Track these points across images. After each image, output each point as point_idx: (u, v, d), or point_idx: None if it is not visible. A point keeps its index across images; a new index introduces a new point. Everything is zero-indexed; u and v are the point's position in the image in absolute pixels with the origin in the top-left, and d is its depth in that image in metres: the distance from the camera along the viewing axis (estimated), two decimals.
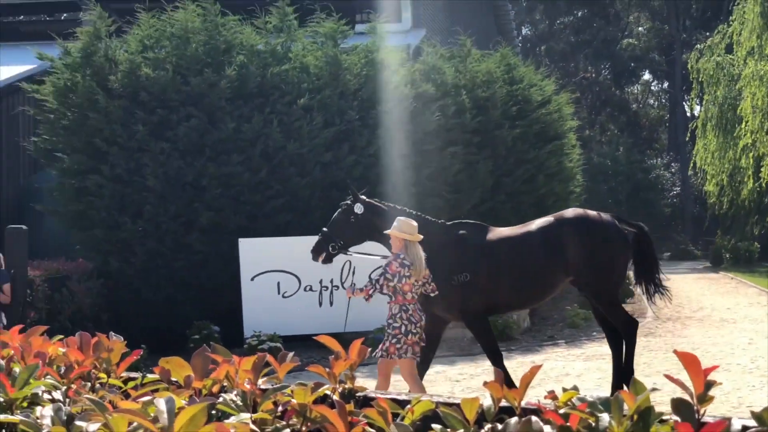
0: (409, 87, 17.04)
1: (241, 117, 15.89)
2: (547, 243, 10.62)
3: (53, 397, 2.77)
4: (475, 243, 10.63)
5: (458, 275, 10.39)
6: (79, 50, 16.42)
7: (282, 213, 15.96)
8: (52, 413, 2.41)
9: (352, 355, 2.88)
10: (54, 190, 16.58)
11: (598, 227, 10.74)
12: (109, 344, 3.13)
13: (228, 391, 2.70)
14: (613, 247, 10.71)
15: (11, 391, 2.66)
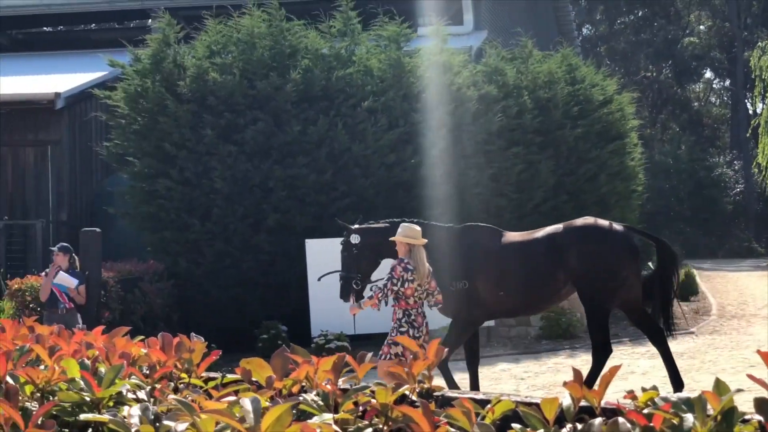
0: (472, 88, 17.23)
1: (307, 120, 16.18)
2: (552, 249, 10.63)
3: (137, 396, 2.82)
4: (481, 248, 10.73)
5: (457, 282, 10.50)
6: (149, 57, 16.83)
7: (347, 213, 16.16)
8: (140, 413, 2.45)
9: (430, 355, 2.87)
10: (125, 194, 17.01)
11: (604, 236, 10.70)
12: (191, 345, 3.17)
13: (308, 391, 2.74)
14: (616, 257, 10.62)
15: (98, 390, 2.70)
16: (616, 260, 10.60)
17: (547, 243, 10.70)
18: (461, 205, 16.83)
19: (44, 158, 19.79)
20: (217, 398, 2.58)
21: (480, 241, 10.85)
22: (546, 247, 10.68)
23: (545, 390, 11.77)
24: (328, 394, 2.62)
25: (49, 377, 2.83)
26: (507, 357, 14.59)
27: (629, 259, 10.66)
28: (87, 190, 20.23)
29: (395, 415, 2.44)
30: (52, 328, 3.61)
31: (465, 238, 10.85)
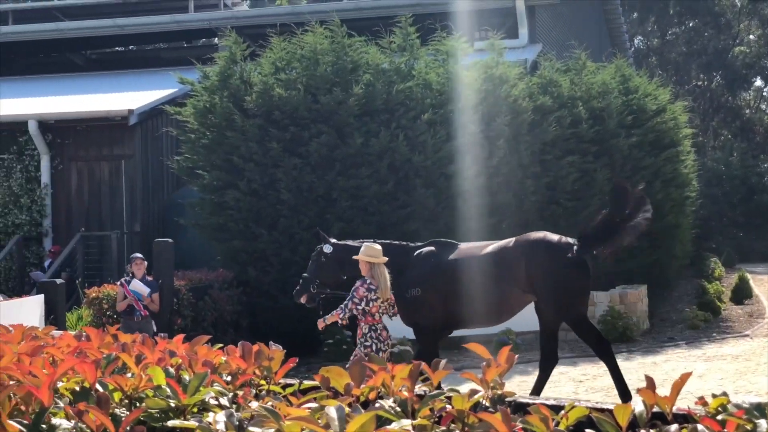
0: (528, 100, 17.67)
1: (369, 132, 16.64)
2: (502, 263, 11.01)
3: (220, 403, 2.87)
4: (434, 260, 11.22)
5: (410, 290, 10.97)
6: (217, 74, 17.42)
7: (409, 222, 16.67)
8: (225, 419, 2.50)
9: (501, 360, 2.88)
10: (195, 205, 17.58)
11: (553, 250, 11.04)
12: (270, 353, 3.24)
13: (384, 397, 2.76)
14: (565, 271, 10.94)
15: (183, 397, 2.76)
16: (565, 274, 10.91)
17: (497, 256, 11.10)
18: (518, 213, 17.32)
19: (118, 172, 20.47)
20: (298, 405, 2.62)
21: (434, 253, 11.37)
22: (496, 260, 11.06)
23: (603, 393, 12.02)
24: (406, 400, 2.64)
25: (136, 385, 2.91)
26: (565, 360, 14.76)
27: (577, 273, 10.92)
28: (158, 202, 20.86)
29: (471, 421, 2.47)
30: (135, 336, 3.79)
31: (420, 252, 11.41)
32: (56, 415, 2.65)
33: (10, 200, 20.42)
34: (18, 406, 2.70)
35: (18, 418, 2.60)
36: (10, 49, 26.86)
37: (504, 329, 15.45)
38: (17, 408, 2.70)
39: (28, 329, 4.13)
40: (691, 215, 23.23)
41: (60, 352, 3.39)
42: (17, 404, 2.70)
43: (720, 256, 30.08)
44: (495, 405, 2.77)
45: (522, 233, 16.61)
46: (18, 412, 2.68)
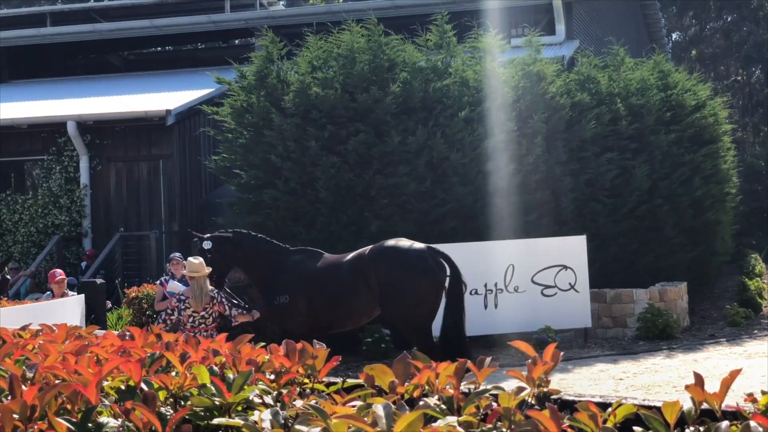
0: (565, 97, 17.60)
1: (406, 130, 16.63)
2: (356, 270, 11.74)
3: (265, 401, 2.86)
4: (301, 269, 12.04)
5: (279, 297, 11.86)
6: (254, 73, 17.48)
7: (447, 219, 16.65)
8: (271, 417, 2.49)
9: (547, 358, 2.87)
10: (233, 204, 17.64)
11: (400, 256, 11.67)
12: (313, 351, 3.24)
13: (428, 395, 2.76)
14: (412, 277, 11.52)
15: (228, 396, 2.76)
16: (411, 279, 11.53)
17: (353, 264, 11.86)
18: (557, 210, 17.27)
19: (156, 172, 20.61)
20: (343, 403, 2.62)
21: (301, 262, 12.19)
22: (352, 267, 11.81)
23: (644, 390, 11.98)
24: (452, 398, 2.65)
25: (181, 383, 2.91)
26: (605, 358, 14.76)
27: (423, 278, 11.57)
28: (196, 201, 20.97)
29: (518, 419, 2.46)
30: (178, 335, 3.78)
31: (290, 258, 12.25)
32: (103, 414, 2.66)
33: (49, 201, 20.60)
34: (64, 405, 2.71)
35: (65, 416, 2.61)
36: (49, 50, 27.12)
37: (543, 327, 15.41)
38: (63, 406, 2.71)
39: (72, 328, 4.16)
40: (732, 211, 23.04)
41: (104, 351, 3.41)
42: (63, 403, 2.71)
43: (761, 252, 29.83)
44: (541, 403, 2.76)
45: (560, 231, 16.80)
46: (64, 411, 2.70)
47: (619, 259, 17.93)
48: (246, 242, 12.59)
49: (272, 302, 11.96)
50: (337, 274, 11.92)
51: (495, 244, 16.21)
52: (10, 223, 20.69)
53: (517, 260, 16.00)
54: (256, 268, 12.57)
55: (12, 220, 20.69)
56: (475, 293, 15.93)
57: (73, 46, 27.13)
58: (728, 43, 49.41)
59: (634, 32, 30.13)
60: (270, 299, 12.06)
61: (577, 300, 16.06)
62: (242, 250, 12.50)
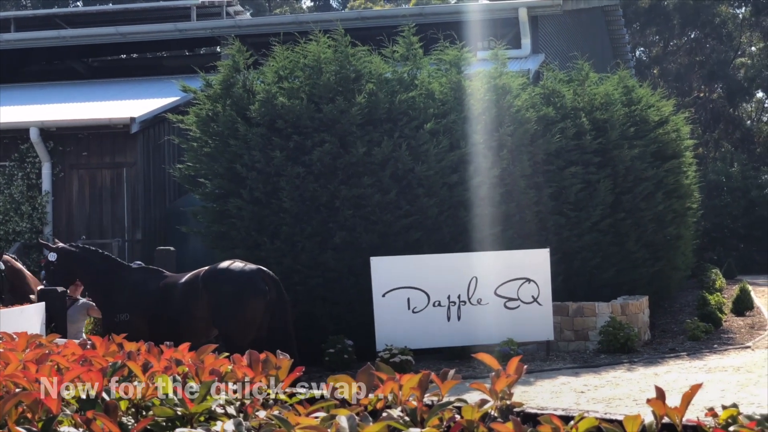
0: (531, 110, 17.68)
1: (371, 141, 16.63)
2: (191, 291, 12.35)
3: (227, 412, 2.85)
4: (143, 287, 12.63)
5: (119, 314, 12.50)
6: (220, 82, 17.42)
7: (411, 231, 16.66)
8: (234, 427, 2.50)
9: (510, 371, 2.87)
10: (197, 213, 17.54)
11: (228, 278, 12.31)
12: (277, 362, 3.24)
13: (392, 407, 2.74)
14: (241, 297, 12.18)
15: (191, 406, 2.76)
16: (241, 300, 12.17)
17: (188, 285, 12.43)
18: (521, 223, 17.35)
19: (120, 180, 20.48)
20: (306, 414, 2.60)
21: (142, 281, 12.78)
22: (187, 288, 12.38)
23: (605, 403, 12.03)
24: (415, 410, 2.63)
25: (143, 393, 2.91)
26: (566, 371, 14.81)
27: (254, 298, 12.24)
28: (160, 210, 20.86)
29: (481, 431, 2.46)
30: (140, 344, 3.75)
31: (131, 277, 12.85)
32: (64, 423, 2.63)
33: (11, 207, 20.41)
34: (25, 414, 2.68)
35: (25, 425, 2.58)
36: (12, 56, 26.90)
37: (506, 339, 15.45)
38: (24, 415, 2.68)
39: (33, 337, 4.12)
40: (693, 226, 23.26)
41: (65, 360, 3.37)
42: (24, 412, 2.68)
43: (721, 267, 30.11)
44: (504, 415, 2.75)
45: (525, 243, 16.92)
46: (25, 420, 2.67)
47: (582, 273, 18.03)
48: (89, 258, 13.11)
49: (113, 319, 12.50)
50: (174, 294, 12.46)
51: (459, 256, 16.25)
52: None
53: (481, 272, 16.03)
54: (97, 284, 13.07)
55: None
56: (438, 305, 15.95)
57: (38, 52, 26.97)
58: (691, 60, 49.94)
59: (599, 47, 30.36)
60: (111, 316, 12.62)
61: (540, 313, 16.10)
62: (84, 265, 13.04)
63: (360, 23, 23.02)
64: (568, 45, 26.06)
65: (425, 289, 15.97)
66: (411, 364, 14.82)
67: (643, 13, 48.02)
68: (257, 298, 12.29)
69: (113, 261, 13.26)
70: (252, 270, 12.54)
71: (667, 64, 50.68)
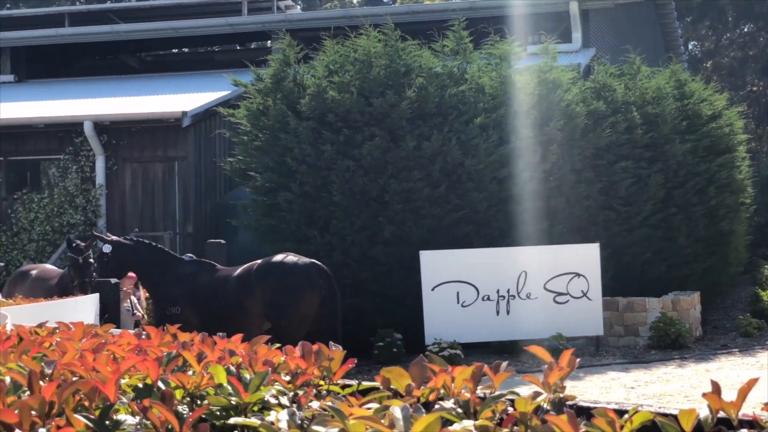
0: (581, 105, 17.60)
1: (421, 135, 16.65)
2: (243, 284, 12.38)
3: (281, 402, 2.85)
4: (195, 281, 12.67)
5: (171, 308, 12.50)
6: (271, 76, 17.52)
7: (461, 225, 16.67)
8: (288, 417, 2.48)
9: (563, 364, 2.83)
10: (247, 207, 17.70)
11: (283, 272, 12.38)
12: (329, 353, 3.21)
13: (444, 399, 2.72)
14: (295, 291, 12.22)
15: (245, 395, 2.75)
16: (295, 294, 12.24)
17: (241, 278, 12.45)
18: (571, 218, 17.28)
19: (171, 173, 20.68)
20: (359, 405, 2.57)
21: (193, 274, 12.84)
22: (240, 282, 12.41)
23: (655, 399, 11.95)
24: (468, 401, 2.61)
25: (198, 382, 2.89)
26: (616, 366, 14.75)
27: (308, 292, 12.32)
28: (211, 203, 21.03)
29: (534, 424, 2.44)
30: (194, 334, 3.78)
31: (184, 270, 12.91)
32: (120, 411, 2.67)
33: (65, 200, 20.68)
34: (82, 402, 2.73)
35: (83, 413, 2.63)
36: (67, 50, 27.24)
37: (555, 334, 15.41)
38: (81, 403, 2.73)
39: (88, 326, 4.17)
40: (746, 222, 23.00)
41: (121, 350, 3.42)
42: (81, 400, 2.73)
43: None
44: (556, 408, 2.73)
45: (575, 238, 16.85)
46: (82, 408, 2.71)
47: (632, 268, 17.91)
48: (143, 251, 13.23)
49: (164, 312, 12.58)
50: (226, 287, 12.52)
51: (508, 251, 16.23)
52: (26, 222, 20.78)
53: (530, 267, 16.01)
54: (150, 276, 13.17)
55: (28, 219, 20.78)
56: (487, 299, 15.97)
57: (91, 46, 27.26)
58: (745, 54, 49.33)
59: (651, 41, 30.09)
60: (162, 308, 12.72)
61: (590, 308, 16.05)
62: (138, 258, 13.12)
63: (410, 17, 23.02)
64: (618, 39, 25.85)
65: (474, 283, 15.98)
66: (460, 358, 14.83)
67: (695, 7, 47.52)
68: (312, 292, 12.31)
69: (166, 254, 13.37)
70: (306, 264, 12.57)
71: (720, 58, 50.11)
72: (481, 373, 2.74)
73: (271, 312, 12.37)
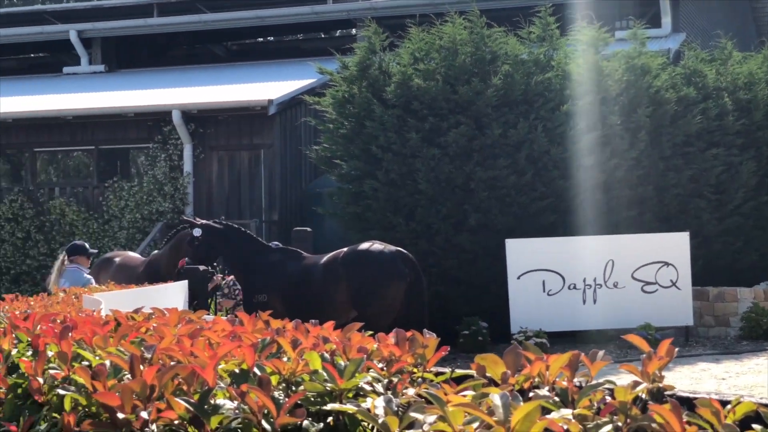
0: (671, 91, 17.33)
1: (507, 123, 16.57)
2: (329, 272, 12.32)
3: (375, 389, 2.84)
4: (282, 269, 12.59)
5: (258, 295, 12.45)
6: (356, 64, 17.55)
7: (546, 213, 16.55)
8: (384, 404, 2.47)
9: (662, 353, 2.75)
10: (333, 195, 17.80)
11: (369, 261, 12.29)
12: (423, 340, 3.19)
13: (539, 387, 2.70)
14: (382, 279, 12.16)
15: (340, 382, 2.75)
16: (382, 283, 12.19)
17: (327, 267, 12.41)
18: (660, 206, 17.05)
19: (257, 161, 20.87)
20: (455, 392, 2.54)
21: (281, 262, 12.75)
22: (326, 270, 12.38)
23: (747, 390, 11.74)
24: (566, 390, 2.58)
25: (293, 368, 2.91)
26: (706, 357, 14.54)
27: (395, 281, 12.24)
28: (296, 191, 21.17)
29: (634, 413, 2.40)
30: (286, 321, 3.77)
31: (271, 258, 12.83)
32: (218, 396, 2.70)
33: (154, 188, 21.00)
34: (180, 386, 2.76)
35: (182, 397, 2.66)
36: (155, 40, 27.63)
37: (643, 324, 15.23)
38: (180, 387, 2.76)
39: (183, 312, 4.23)
40: None
41: (216, 336, 3.45)
42: (179, 384, 2.77)
43: None
44: (655, 398, 2.67)
45: (663, 226, 16.63)
46: (180, 392, 2.75)
47: (723, 257, 17.63)
48: (232, 236, 13.24)
49: (251, 299, 12.61)
50: (312, 276, 12.51)
51: (595, 239, 16.08)
52: (117, 209, 21.16)
53: (618, 256, 15.85)
54: (238, 263, 13.18)
55: (118, 207, 21.16)
56: (573, 288, 15.87)
57: (179, 36, 27.64)
58: None
59: (742, 26, 29.49)
60: (249, 296, 12.77)
61: (679, 297, 15.84)
62: (227, 244, 13.15)
63: (496, 4, 22.84)
64: (709, 23, 25.40)
65: (561, 272, 15.89)
66: (546, 346, 14.73)
67: None
68: (398, 280, 12.32)
69: (254, 241, 13.44)
70: (392, 252, 12.58)
71: None
72: (578, 361, 2.69)
73: (357, 300, 12.40)
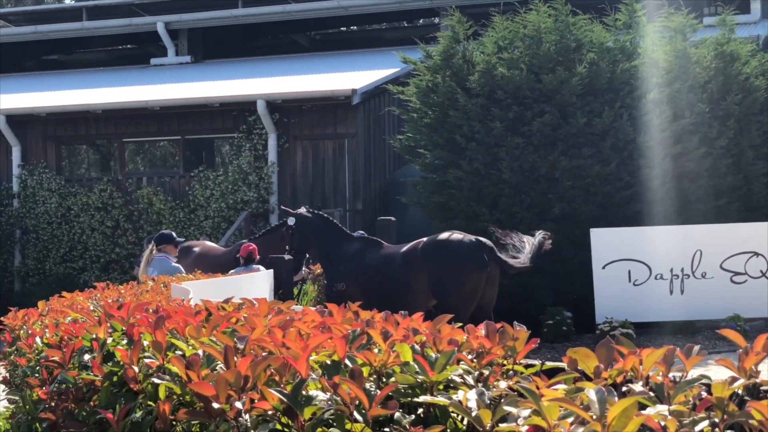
0: (761, 78, 17.02)
1: (592, 112, 16.39)
2: (409, 262, 12.24)
3: (466, 381, 2.86)
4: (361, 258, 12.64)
5: (336, 284, 12.54)
6: (440, 53, 17.51)
7: (632, 203, 16.35)
8: (477, 397, 2.48)
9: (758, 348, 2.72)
10: (417, 184, 17.79)
11: (449, 250, 12.19)
12: (513, 333, 3.24)
13: (632, 381, 2.70)
14: (462, 269, 12.05)
15: (431, 374, 2.78)
16: (462, 272, 12.06)
17: (406, 256, 12.38)
18: (749, 196, 16.75)
19: (341, 150, 20.97)
20: (547, 386, 2.57)
21: (361, 251, 12.82)
22: (405, 260, 12.34)
23: None
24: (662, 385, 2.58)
25: (384, 360, 2.94)
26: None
27: (474, 269, 12.11)
28: (380, 180, 21.24)
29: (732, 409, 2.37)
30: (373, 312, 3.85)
31: (351, 246, 12.92)
32: (310, 387, 2.73)
33: (239, 178, 21.22)
34: (273, 377, 2.80)
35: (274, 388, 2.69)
36: (239, 31, 27.89)
37: (732, 315, 14.99)
38: (272, 378, 2.80)
39: (272, 303, 4.28)
40: None
41: (306, 327, 3.49)
42: (272, 375, 2.80)
43: None
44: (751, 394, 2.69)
45: (753, 216, 16.32)
46: (272, 383, 2.78)
47: None
48: (321, 225, 13.35)
49: (332, 287, 12.77)
50: (391, 266, 12.51)
51: (682, 229, 15.84)
52: (202, 199, 21.42)
53: (705, 246, 15.60)
54: (323, 251, 13.32)
55: (204, 196, 21.42)
56: (659, 278, 15.66)
57: (263, 26, 27.86)
58: None
59: None
60: (330, 284, 12.90)
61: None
62: (315, 232, 13.29)
63: None
64: None
65: (646, 262, 15.68)
66: (632, 337, 14.56)
67: None
68: (479, 270, 12.28)
69: (340, 230, 13.53)
70: (471, 242, 12.55)
71: None
72: (674, 356, 2.70)
73: (437, 290, 12.40)
